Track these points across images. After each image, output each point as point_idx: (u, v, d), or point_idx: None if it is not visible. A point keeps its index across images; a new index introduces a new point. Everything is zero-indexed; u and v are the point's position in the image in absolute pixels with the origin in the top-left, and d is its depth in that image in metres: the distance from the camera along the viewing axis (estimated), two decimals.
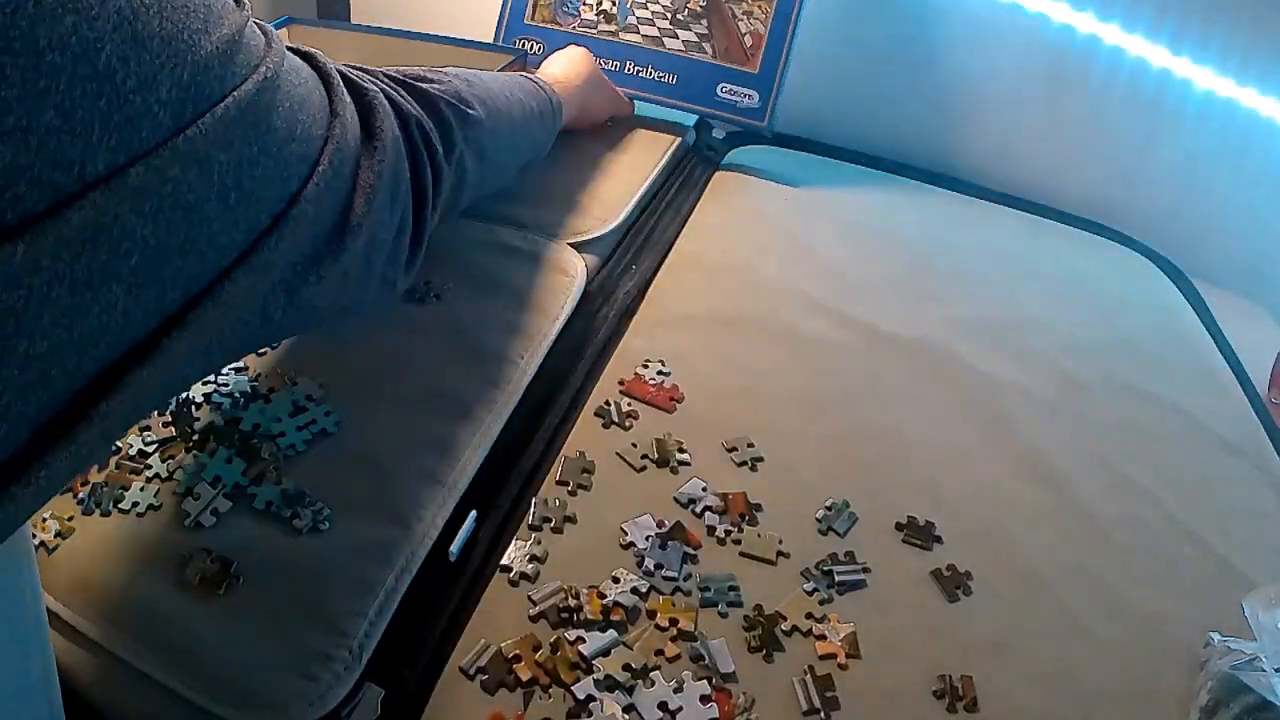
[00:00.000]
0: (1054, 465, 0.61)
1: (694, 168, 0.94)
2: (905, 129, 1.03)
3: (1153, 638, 0.51)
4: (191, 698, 0.40)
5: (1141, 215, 0.96)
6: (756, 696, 0.44)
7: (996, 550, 0.54)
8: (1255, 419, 0.70)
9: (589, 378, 0.63)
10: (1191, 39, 0.88)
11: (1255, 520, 0.60)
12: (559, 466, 0.55)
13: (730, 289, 0.74)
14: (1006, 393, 0.67)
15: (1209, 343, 0.80)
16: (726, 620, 0.48)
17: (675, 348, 0.66)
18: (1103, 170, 0.98)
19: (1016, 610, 0.51)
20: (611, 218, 0.76)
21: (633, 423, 0.59)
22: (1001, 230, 0.91)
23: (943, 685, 0.46)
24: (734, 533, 0.52)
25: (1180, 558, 0.56)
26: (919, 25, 0.98)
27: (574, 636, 0.45)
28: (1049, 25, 0.92)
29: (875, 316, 0.73)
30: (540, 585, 0.48)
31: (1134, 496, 0.60)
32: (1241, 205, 0.94)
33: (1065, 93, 0.95)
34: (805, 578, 0.50)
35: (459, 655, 0.44)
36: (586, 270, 0.70)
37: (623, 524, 0.52)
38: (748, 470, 0.57)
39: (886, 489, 0.57)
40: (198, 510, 0.46)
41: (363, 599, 0.44)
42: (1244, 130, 0.90)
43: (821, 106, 1.05)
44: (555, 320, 0.64)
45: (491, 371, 0.58)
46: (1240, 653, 0.47)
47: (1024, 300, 0.79)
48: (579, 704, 0.42)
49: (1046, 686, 0.47)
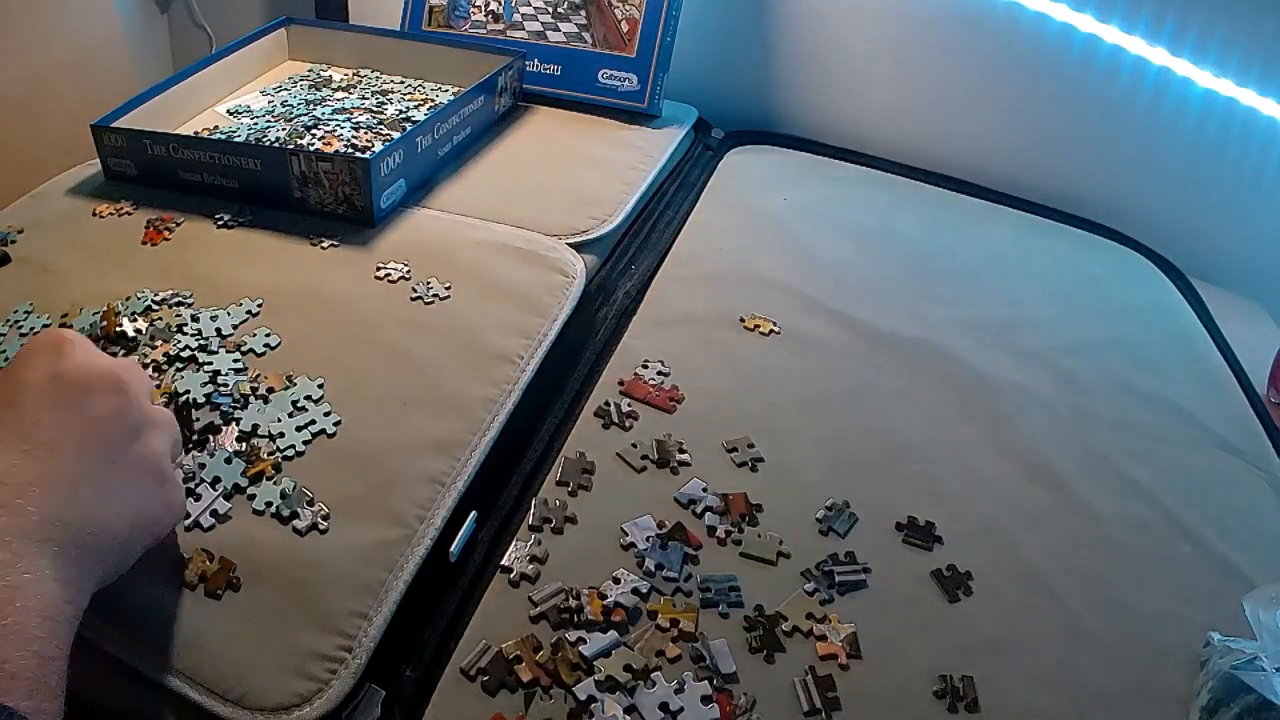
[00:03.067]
0: (1054, 465, 0.61)
1: (693, 168, 0.94)
2: (895, 127, 1.03)
3: (1153, 638, 0.51)
4: (192, 698, 0.40)
5: (1141, 215, 0.96)
6: (757, 697, 0.44)
7: (996, 550, 0.54)
8: (1255, 419, 0.70)
9: (589, 378, 0.63)
10: (1191, 39, 0.88)
11: (1255, 520, 0.60)
12: (559, 467, 0.55)
13: (730, 289, 0.74)
14: (1006, 393, 0.67)
15: (1209, 343, 0.80)
16: (727, 621, 0.48)
17: (675, 348, 0.66)
18: (1103, 170, 0.98)
19: (1016, 610, 0.51)
20: (611, 218, 0.76)
21: (633, 423, 0.59)
22: (1001, 230, 0.91)
23: (943, 685, 0.46)
24: (734, 533, 0.52)
25: (1180, 557, 0.56)
26: (916, 24, 0.98)
27: (575, 637, 0.45)
28: (1049, 25, 0.92)
29: (875, 316, 0.73)
30: (541, 586, 0.48)
31: (1134, 496, 0.60)
32: (1241, 205, 0.94)
33: (1065, 93, 0.95)
34: (806, 578, 0.50)
35: (459, 656, 0.44)
36: (586, 270, 0.70)
37: (623, 524, 0.51)
38: (748, 470, 0.57)
39: (886, 489, 0.57)
40: (198, 511, 0.46)
41: (363, 600, 0.44)
42: (1244, 130, 0.90)
43: (810, 105, 1.05)
44: (555, 320, 0.64)
45: (491, 371, 0.58)
46: (1240, 652, 0.47)
47: (1024, 300, 0.79)
48: (580, 705, 0.42)
49: (1046, 686, 0.47)
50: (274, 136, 0.82)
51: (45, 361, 0.38)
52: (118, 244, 0.67)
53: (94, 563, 0.35)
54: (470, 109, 0.83)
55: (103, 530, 0.35)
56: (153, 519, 0.38)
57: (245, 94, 0.91)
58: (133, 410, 0.38)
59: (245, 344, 0.58)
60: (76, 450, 0.36)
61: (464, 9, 0.98)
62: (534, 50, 0.95)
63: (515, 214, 0.74)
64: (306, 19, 1.03)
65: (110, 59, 1.04)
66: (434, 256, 0.68)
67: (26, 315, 0.59)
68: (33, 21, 0.93)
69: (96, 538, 0.35)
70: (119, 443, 0.37)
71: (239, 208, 0.71)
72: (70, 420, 0.36)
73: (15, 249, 0.66)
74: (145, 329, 0.58)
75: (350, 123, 0.85)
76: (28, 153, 0.87)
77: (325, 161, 0.68)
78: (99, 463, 0.36)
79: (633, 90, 0.94)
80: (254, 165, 0.70)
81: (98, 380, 0.38)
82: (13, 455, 0.34)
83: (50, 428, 0.36)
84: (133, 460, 0.38)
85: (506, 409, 0.56)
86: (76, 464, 0.35)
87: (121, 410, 0.38)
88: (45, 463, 0.35)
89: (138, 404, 0.39)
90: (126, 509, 0.36)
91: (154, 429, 0.40)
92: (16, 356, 0.39)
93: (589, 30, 0.95)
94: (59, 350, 0.38)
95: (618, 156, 0.86)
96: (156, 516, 0.38)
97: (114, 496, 0.36)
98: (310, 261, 0.67)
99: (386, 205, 0.72)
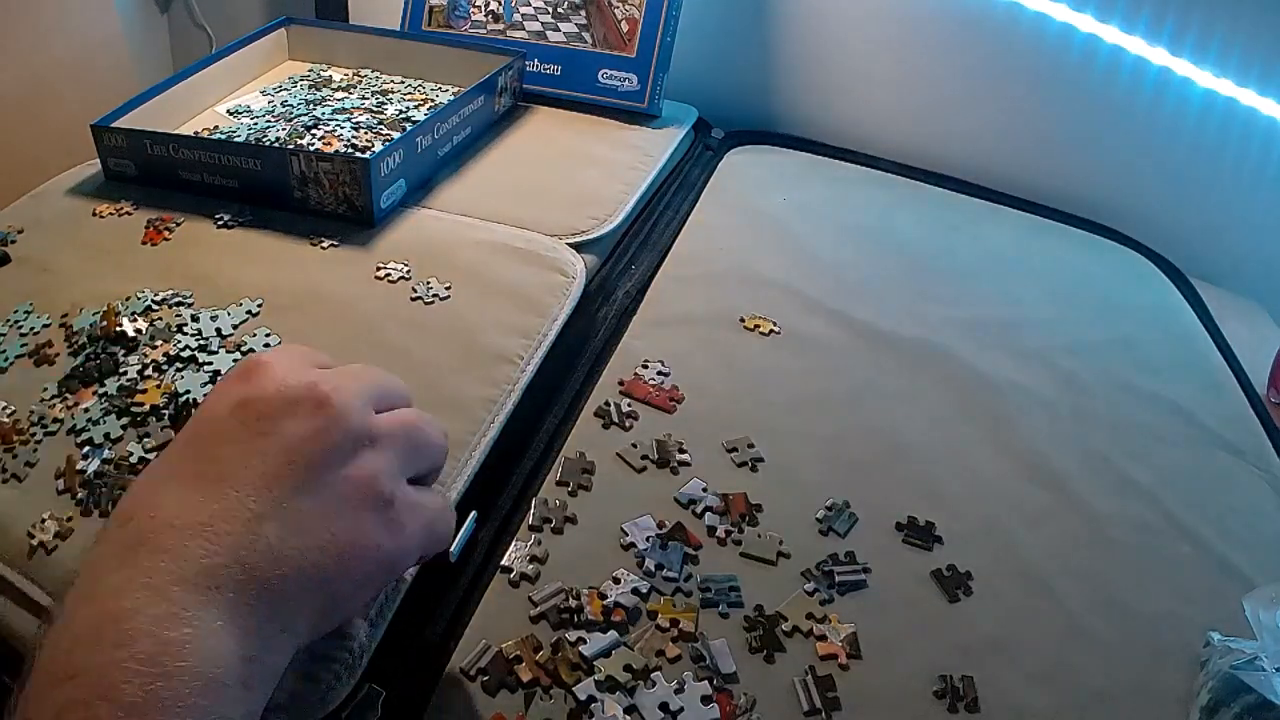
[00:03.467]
0: (1054, 465, 0.61)
1: (693, 168, 0.94)
2: (895, 127, 1.03)
3: (1153, 638, 0.51)
4: None
5: (1141, 215, 0.96)
6: (757, 697, 0.44)
7: (996, 550, 0.54)
8: (1255, 419, 0.70)
9: (589, 378, 0.63)
10: (1191, 39, 0.88)
11: (1255, 520, 0.60)
12: (559, 467, 0.55)
13: (730, 289, 0.74)
14: (1006, 393, 0.67)
15: (1208, 342, 0.80)
16: (727, 621, 0.47)
17: (675, 348, 0.66)
18: (1103, 170, 0.98)
19: (1016, 610, 0.51)
20: (611, 218, 0.76)
21: (633, 423, 0.59)
22: (1001, 230, 0.91)
23: (943, 685, 0.46)
24: (734, 533, 0.52)
25: (1180, 557, 0.56)
26: (916, 24, 0.98)
27: (575, 637, 0.45)
28: (1049, 25, 0.92)
29: (875, 316, 0.73)
30: (541, 586, 0.48)
31: (1134, 496, 0.60)
32: (1241, 205, 0.94)
33: (1065, 93, 0.95)
34: (806, 578, 0.50)
35: (459, 656, 0.44)
36: (586, 270, 0.70)
37: (623, 524, 0.51)
38: (748, 470, 0.57)
39: (886, 489, 0.57)
40: None
41: None
42: (1244, 130, 0.90)
43: (810, 105, 1.05)
44: (555, 320, 0.64)
45: (491, 371, 0.58)
46: (1240, 652, 0.47)
47: (1024, 300, 0.79)
48: (580, 705, 0.42)
49: (1046, 686, 0.47)
50: (274, 136, 0.82)
51: (231, 389, 0.34)
52: (118, 244, 0.67)
53: (288, 609, 0.30)
54: (470, 109, 0.83)
55: (296, 570, 0.30)
56: (369, 551, 0.33)
57: (245, 94, 0.91)
58: (338, 430, 0.33)
59: (245, 344, 0.58)
60: (262, 482, 0.31)
61: (464, 9, 0.99)
62: (534, 50, 0.96)
63: (515, 214, 0.74)
64: (306, 19, 1.03)
65: (110, 59, 1.04)
66: (434, 256, 0.68)
67: (26, 315, 0.59)
68: (33, 21, 0.93)
69: (287, 579, 0.30)
70: (321, 468, 0.32)
71: (239, 208, 0.71)
72: (256, 450, 0.32)
73: (15, 249, 0.66)
74: (145, 329, 0.58)
75: (350, 123, 0.85)
76: (28, 153, 0.87)
77: (325, 161, 0.68)
78: (292, 493, 0.31)
79: (633, 90, 0.94)
80: (254, 165, 0.70)
81: (294, 400, 0.33)
82: (187, 494, 0.31)
83: (230, 461, 0.32)
84: (340, 486, 0.32)
85: (506, 409, 0.56)
86: (261, 497, 0.31)
87: (324, 430, 0.33)
88: (221, 500, 0.30)
89: (348, 421, 0.33)
90: (331, 543, 0.32)
91: (374, 448, 0.34)
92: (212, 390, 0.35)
93: (589, 30, 0.95)
94: (247, 376, 0.34)
95: (618, 156, 0.86)
96: (376, 547, 0.33)
97: (312, 529, 0.31)
98: (310, 261, 0.67)
99: (386, 205, 0.72)
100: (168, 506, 0.31)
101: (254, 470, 0.31)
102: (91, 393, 0.53)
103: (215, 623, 0.28)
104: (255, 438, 0.32)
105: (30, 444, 0.50)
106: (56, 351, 0.57)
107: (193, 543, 0.29)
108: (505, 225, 0.73)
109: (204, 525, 0.30)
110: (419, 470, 0.37)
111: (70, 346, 0.57)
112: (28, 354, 0.56)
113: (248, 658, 0.29)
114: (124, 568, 0.29)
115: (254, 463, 0.31)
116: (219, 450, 0.32)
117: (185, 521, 0.30)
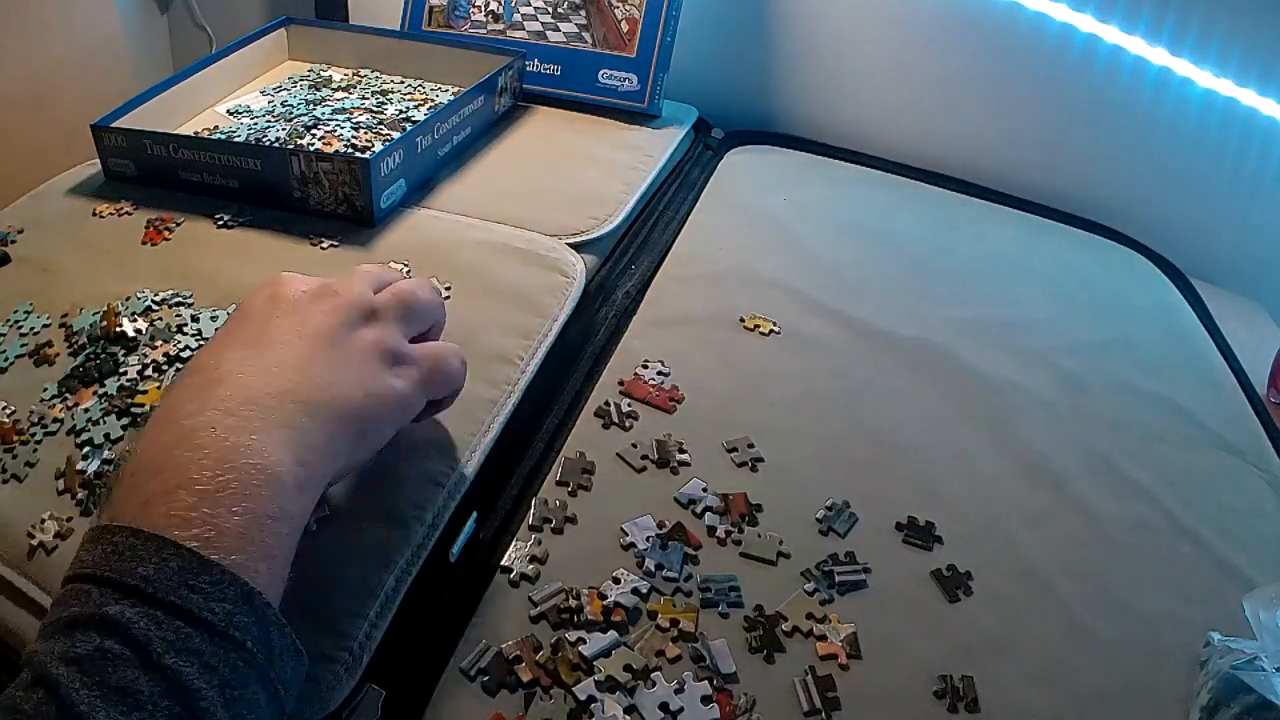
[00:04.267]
0: (1054, 465, 0.61)
1: (693, 168, 0.94)
2: (895, 127, 1.03)
3: (1153, 638, 0.51)
4: None
5: (1141, 215, 0.96)
6: (757, 697, 0.44)
7: (996, 550, 0.54)
8: (1255, 418, 0.70)
9: (589, 378, 0.63)
10: (1191, 39, 0.88)
11: (1255, 520, 0.60)
12: (559, 467, 0.55)
13: (730, 289, 0.74)
14: (1006, 393, 0.67)
15: (1208, 342, 0.80)
16: (727, 621, 0.48)
17: (675, 348, 0.66)
18: (1103, 170, 0.98)
19: (1016, 610, 0.51)
20: (611, 218, 0.76)
21: (633, 423, 0.59)
22: (1001, 230, 0.91)
23: (943, 685, 0.46)
24: (734, 533, 0.52)
25: (1180, 558, 0.56)
26: (916, 24, 0.98)
27: (575, 637, 0.45)
28: (1049, 25, 0.92)
29: (875, 316, 0.73)
30: (540, 586, 0.48)
31: (1134, 496, 0.60)
32: (1241, 205, 0.94)
33: (1065, 93, 0.95)
34: (806, 578, 0.50)
35: (459, 656, 0.44)
36: (586, 270, 0.70)
37: (623, 524, 0.51)
38: (748, 470, 0.57)
39: (886, 489, 0.57)
40: None
41: (363, 600, 0.44)
42: (1244, 130, 0.90)
43: (810, 105, 1.05)
44: (555, 320, 0.64)
45: (491, 372, 0.58)
46: (1240, 652, 0.47)
47: (1024, 300, 0.79)
48: (580, 705, 0.42)
49: (1046, 686, 0.47)
50: (274, 136, 0.82)
51: (263, 293, 0.43)
52: (118, 244, 0.67)
53: (330, 429, 0.38)
54: (470, 109, 0.83)
55: (336, 399, 0.39)
56: (387, 392, 0.41)
57: (245, 94, 0.91)
58: (344, 309, 0.42)
59: None
60: (301, 344, 0.40)
61: (464, 9, 0.99)
62: (534, 50, 0.95)
63: (515, 214, 0.74)
64: (306, 19, 1.03)
65: (110, 59, 1.04)
66: (434, 256, 0.68)
67: (26, 315, 0.59)
68: (33, 21, 0.93)
69: (332, 405, 0.39)
70: (339, 337, 0.41)
71: (239, 208, 0.71)
72: (291, 325, 0.41)
73: (15, 249, 0.66)
74: (145, 329, 0.58)
75: (350, 123, 0.85)
76: (28, 153, 0.87)
77: (325, 161, 0.68)
78: (325, 349, 0.40)
79: (633, 90, 0.94)
80: (254, 165, 0.70)
81: (312, 293, 0.43)
82: (245, 351, 0.39)
83: (274, 331, 0.40)
84: (356, 346, 0.42)
85: (506, 409, 0.56)
86: (304, 351, 0.40)
87: (335, 309, 0.42)
88: (274, 353, 0.39)
89: (350, 302, 0.43)
90: (358, 386, 0.40)
91: (377, 318, 0.43)
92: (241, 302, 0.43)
93: (589, 30, 0.95)
94: (272, 284, 0.43)
95: (618, 156, 0.86)
96: (390, 389, 0.42)
97: (342, 376, 0.40)
98: (310, 261, 0.67)
99: (386, 205, 0.72)
100: (231, 360, 0.38)
101: (293, 334, 0.40)
102: (91, 393, 0.53)
103: (276, 431, 0.36)
104: (288, 317, 0.41)
105: (30, 444, 0.50)
106: (56, 351, 0.57)
107: (256, 379, 0.37)
108: (505, 225, 0.73)
109: (263, 368, 0.38)
110: (420, 329, 0.46)
111: (70, 346, 0.57)
112: (28, 354, 0.56)
113: (301, 461, 0.36)
114: (197, 399, 0.36)
115: (291, 333, 0.40)
116: (263, 326, 0.40)
117: (246, 367, 0.38)
